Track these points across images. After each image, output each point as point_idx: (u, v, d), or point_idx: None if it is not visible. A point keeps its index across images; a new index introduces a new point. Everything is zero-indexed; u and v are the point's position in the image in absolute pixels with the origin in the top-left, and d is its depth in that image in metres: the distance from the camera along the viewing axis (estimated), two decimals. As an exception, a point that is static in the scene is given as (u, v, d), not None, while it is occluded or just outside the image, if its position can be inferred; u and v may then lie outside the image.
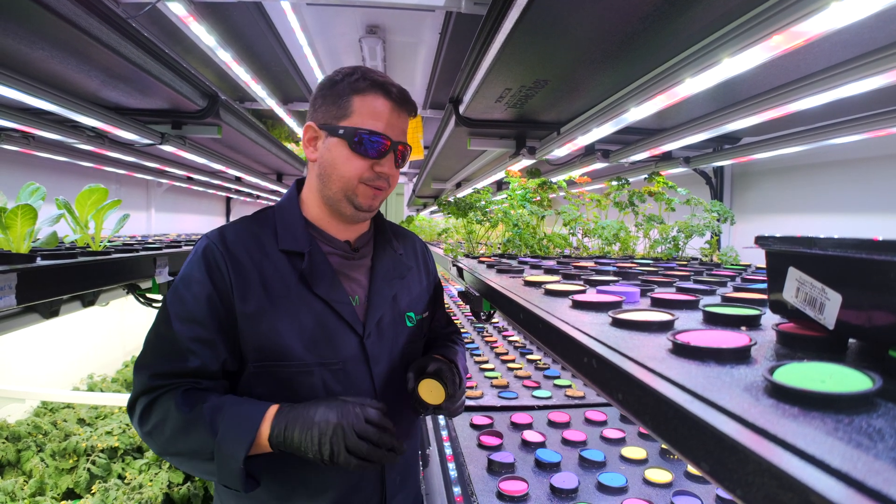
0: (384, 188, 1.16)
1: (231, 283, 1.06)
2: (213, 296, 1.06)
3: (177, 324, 1.04)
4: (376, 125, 1.12)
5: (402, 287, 1.27)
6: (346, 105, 1.12)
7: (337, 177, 1.13)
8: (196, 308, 1.05)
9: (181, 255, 2.41)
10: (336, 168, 1.13)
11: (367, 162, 1.12)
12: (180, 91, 2.23)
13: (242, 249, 1.10)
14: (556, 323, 0.86)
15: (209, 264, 1.07)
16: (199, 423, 0.97)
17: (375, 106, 1.12)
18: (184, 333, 1.03)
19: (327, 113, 1.14)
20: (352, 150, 1.11)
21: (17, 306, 1.30)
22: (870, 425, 0.43)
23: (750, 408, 0.46)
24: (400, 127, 1.16)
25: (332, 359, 1.10)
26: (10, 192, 1.65)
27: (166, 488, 2.66)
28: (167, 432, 0.99)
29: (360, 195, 1.14)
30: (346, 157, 1.12)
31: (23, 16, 1.44)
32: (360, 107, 1.11)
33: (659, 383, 0.55)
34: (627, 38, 1.36)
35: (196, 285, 1.06)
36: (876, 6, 0.84)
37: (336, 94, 1.13)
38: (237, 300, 1.06)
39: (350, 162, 1.12)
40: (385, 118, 1.13)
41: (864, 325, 0.59)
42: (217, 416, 0.98)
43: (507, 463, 1.82)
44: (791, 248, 0.68)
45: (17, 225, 1.45)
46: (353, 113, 1.12)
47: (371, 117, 1.11)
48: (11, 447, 2.88)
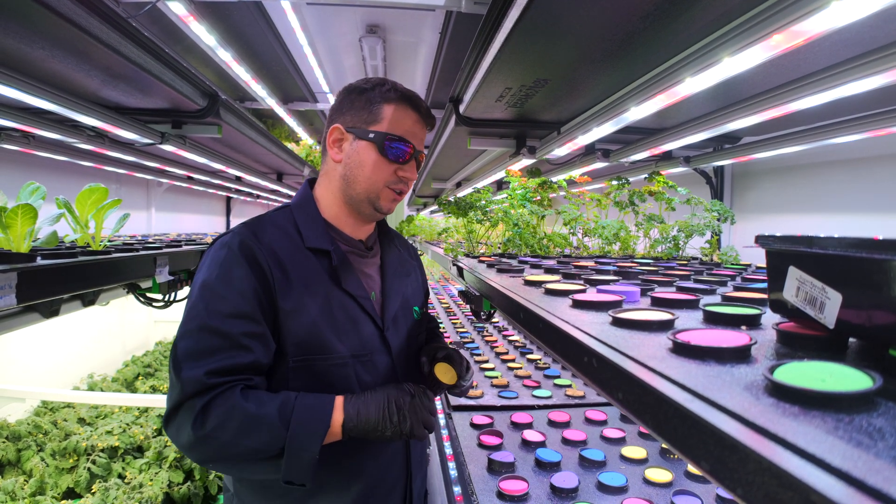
0: (404, 192, 1.24)
1: (272, 279, 1.09)
2: (258, 290, 1.07)
3: (225, 321, 1.03)
4: (407, 134, 1.20)
5: (409, 283, 1.38)
6: (377, 111, 1.18)
7: (363, 178, 1.19)
8: (244, 303, 1.05)
9: (181, 255, 2.41)
10: (363, 170, 1.18)
11: (392, 166, 1.19)
12: (181, 90, 2.23)
13: (277, 246, 1.13)
14: (557, 322, 0.86)
15: (249, 260, 1.08)
16: (268, 418, 0.98)
17: (405, 116, 1.20)
18: (235, 329, 1.03)
19: (356, 117, 1.20)
20: (380, 154, 1.18)
21: (17, 306, 1.30)
22: (870, 424, 0.43)
23: (750, 407, 0.46)
24: (421, 138, 1.25)
25: (361, 350, 1.17)
26: (10, 192, 1.65)
27: (166, 487, 2.66)
28: (230, 432, 0.97)
29: (383, 198, 1.21)
30: (374, 160, 1.18)
31: (23, 15, 1.44)
32: (391, 115, 1.19)
33: (659, 382, 0.55)
34: (628, 38, 1.36)
35: (239, 281, 1.06)
36: (875, 6, 0.84)
37: (367, 101, 1.19)
38: (279, 296, 1.09)
39: (378, 165, 1.18)
40: (411, 128, 1.21)
41: (864, 325, 0.59)
42: (287, 410, 1.00)
43: (507, 462, 1.82)
44: (791, 248, 0.68)
45: (18, 224, 1.45)
46: (384, 120, 1.18)
47: (400, 125, 1.19)
48: (12, 446, 2.88)
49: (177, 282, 2.36)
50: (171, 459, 2.83)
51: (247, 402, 0.99)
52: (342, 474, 1.15)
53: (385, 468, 1.21)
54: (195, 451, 1.01)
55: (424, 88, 6.15)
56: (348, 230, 1.26)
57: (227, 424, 0.97)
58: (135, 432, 3.11)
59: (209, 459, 1.02)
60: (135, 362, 4.87)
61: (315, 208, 1.25)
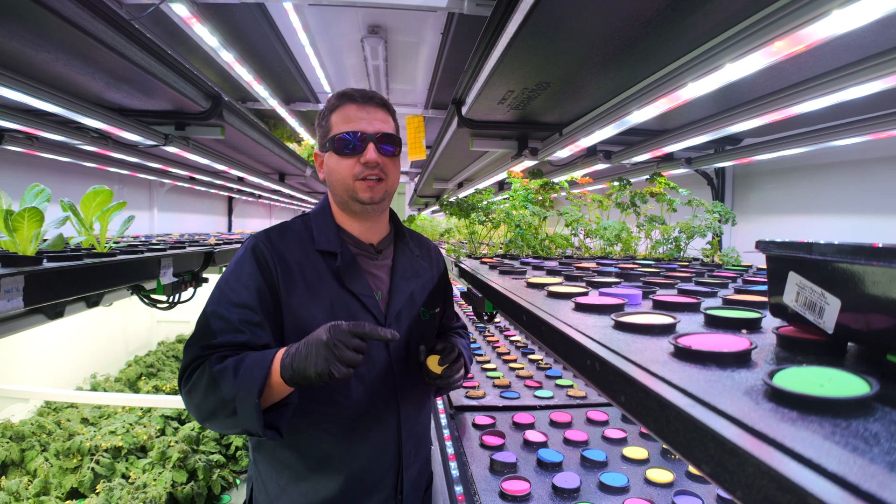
0: (379, 177, 1.30)
1: (278, 277, 1.23)
2: (262, 287, 1.21)
3: (230, 309, 1.18)
4: (348, 126, 1.28)
5: (418, 285, 1.43)
6: (327, 124, 1.33)
7: (336, 181, 1.31)
8: (248, 297, 1.20)
9: (185, 257, 2.43)
10: (333, 174, 1.31)
11: (351, 159, 1.28)
12: (184, 93, 2.25)
13: (286, 249, 1.27)
14: (559, 326, 0.87)
15: (259, 261, 1.23)
16: (225, 374, 1.09)
17: (345, 112, 1.30)
18: (235, 316, 1.18)
19: (321, 137, 1.36)
20: (338, 155, 1.29)
21: (23, 308, 1.31)
22: (866, 429, 0.44)
23: (750, 412, 0.47)
24: (371, 119, 1.30)
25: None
26: (14, 193, 1.67)
27: (170, 487, 2.67)
28: (201, 390, 1.11)
29: (359, 190, 1.29)
30: (336, 161, 1.30)
31: (28, 19, 1.45)
32: (336, 119, 1.31)
33: (661, 387, 0.56)
34: (630, 42, 1.37)
35: (247, 278, 1.21)
36: (876, 13, 0.85)
37: (322, 119, 1.35)
38: (283, 291, 1.23)
39: (340, 164, 1.29)
40: (354, 117, 1.29)
41: (862, 330, 0.60)
42: (239, 365, 1.09)
43: (509, 463, 1.83)
44: (791, 254, 0.69)
45: (24, 227, 1.46)
46: (333, 126, 1.31)
47: (344, 122, 1.29)
48: (15, 447, 2.89)
49: (180, 283, 2.38)
50: (175, 459, 2.84)
51: (213, 364, 1.11)
52: (334, 458, 1.26)
53: (377, 455, 1.30)
54: (190, 412, 1.17)
55: (426, 88, 6.16)
56: (358, 234, 1.37)
57: (198, 383, 1.12)
58: (138, 432, 3.12)
59: (199, 418, 1.15)
60: (137, 362, 4.88)
61: (330, 215, 1.38)
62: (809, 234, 2.54)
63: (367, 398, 1.26)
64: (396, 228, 1.49)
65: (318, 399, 1.24)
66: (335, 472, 1.26)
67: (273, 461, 1.29)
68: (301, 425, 1.23)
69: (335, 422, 1.25)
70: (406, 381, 1.34)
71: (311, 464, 1.26)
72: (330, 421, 1.25)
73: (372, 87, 6.10)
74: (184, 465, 2.86)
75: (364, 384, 1.26)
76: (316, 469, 1.26)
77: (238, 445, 3.23)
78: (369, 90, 1.34)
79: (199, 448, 3.08)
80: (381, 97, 1.35)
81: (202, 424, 1.26)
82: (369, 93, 1.34)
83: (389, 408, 1.30)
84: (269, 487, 1.30)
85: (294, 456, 1.26)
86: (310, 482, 1.26)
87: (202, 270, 2.68)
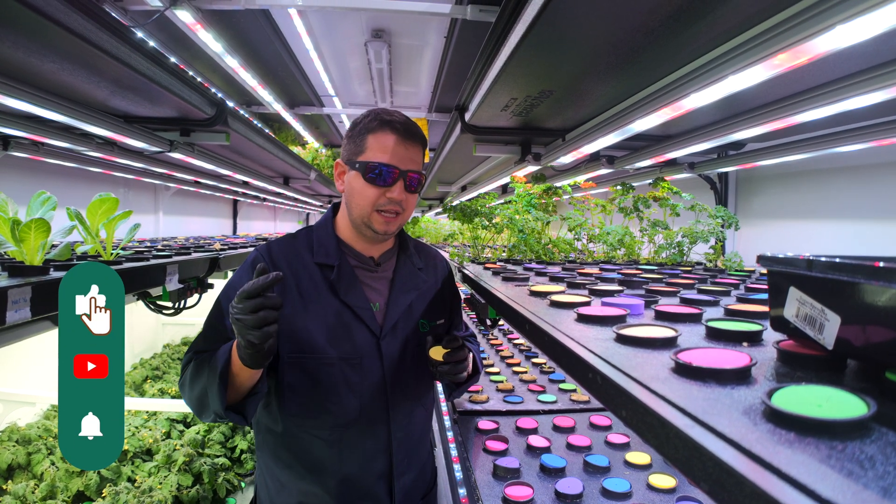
0: (398, 213, 1.31)
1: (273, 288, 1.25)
2: None
3: (225, 318, 1.25)
4: (384, 157, 1.27)
5: (419, 297, 1.43)
6: (361, 143, 1.30)
7: (355, 204, 1.31)
8: None
9: (190, 264, 2.44)
10: (354, 197, 1.30)
11: (378, 190, 1.28)
12: (189, 100, 2.26)
13: (284, 261, 1.31)
14: (562, 339, 0.88)
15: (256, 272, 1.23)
16: (204, 364, 1.19)
17: (384, 141, 1.28)
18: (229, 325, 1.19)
19: (349, 150, 1.33)
20: (365, 181, 1.27)
21: (31, 318, 1.32)
22: (862, 452, 0.44)
23: (748, 433, 0.48)
24: (408, 156, 1.30)
25: (351, 354, 1.29)
26: (20, 198, 1.68)
27: (176, 491, 2.69)
28: (187, 382, 1.22)
29: (375, 222, 1.30)
30: (361, 186, 1.28)
31: (33, 30, 1.47)
32: (373, 143, 1.28)
33: (661, 406, 0.57)
34: (633, 52, 1.38)
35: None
36: (880, 27, 0.85)
37: (356, 134, 1.31)
38: None
39: (365, 191, 1.28)
40: (392, 150, 1.28)
41: (862, 347, 0.60)
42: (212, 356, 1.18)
43: (512, 468, 1.83)
44: (791, 270, 0.69)
45: (31, 238, 1.48)
46: (367, 149, 1.28)
47: (380, 151, 1.28)
48: (22, 450, 2.91)
49: (186, 289, 2.39)
50: (180, 463, 2.85)
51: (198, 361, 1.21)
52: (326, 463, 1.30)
53: (367, 463, 1.32)
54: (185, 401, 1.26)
55: (429, 92, 6.17)
56: (359, 248, 1.39)
57: (185, 378, 1.23)
58: (144, 435, 3.13)
59: (195, 412, 1.23)
60: (143, 365, 4.90)
61: (332, 229, 1.39)
62: (813, 239, 2.53)
63: (357, 406, 1.29)
64: (401, 241, 1.50)
65: (310, 405, 1.27)
66: (328, 476, 1.30)
67: (275, 459, 1.33)
68: (296, 429, 1.28)
69: (326, 427, 1.28)
70: (398, 391, 1.35)
71: (307, 466, 1.30)
72: (321, 426, 1.28)
73: (376, 91, 6.12)
74: (189, 469, 2.87)
75: (354, 393, 1.29)
76: (311, 471, 1.30)
77: (243, 448, 3.25)
78: (410, 122, 1.33)
79: (205, 451, 3.09)
80: (421, 133, 1.35)
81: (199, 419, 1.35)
82: (413, 127, 1.32)
83: (379, 417, 1.32)
84: (270, 484, 1.36)
85: (292, 457, 1.31)
86: (306, 482, 1.31)
87: (207, 276, 2.69)
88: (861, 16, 0.81)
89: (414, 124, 1.34)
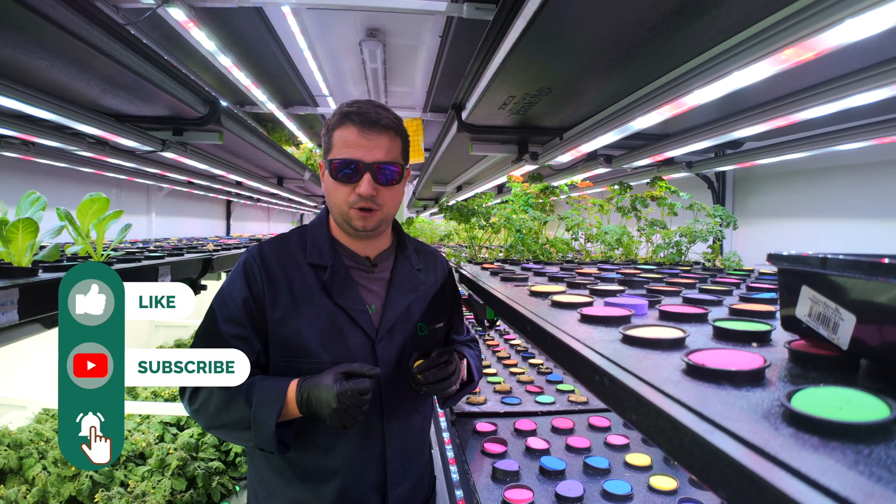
0: (372, 208, 1.24)
1: (264, 291, 1.24)
2: (248, 300, 1.23)
3: (222, 324, 1.21)
4: (346, 153, 1.22)
5: (417, 299, 1.38)
6: (329, 140, 1.27)
7: (332, 203, 1.28)
8: (237, 311, 1.22)
9: (183, 265, 2.41)
10: (329, 195, 1.28)
11: (347, 187, 1.23)
12: (181, 98, 2.23)
13: (276, 263, 1.27)
14: (566, 340, 0.86)
15: (247, 275, 1.25)
16: (237, 398, 1.15)
17: (345, 135, 1.23)
18: (227, 331, 1.21)
19: (323, 149, 1.31)
20: (334, 180, 1.24)
21: (18, 321, 1.29)
22: (888, 456, 0.42)
23: (770, 438, 0.46)
24: (373, 146, 1.23)
25: (345, 358, 1.24)
26: (10, 199, 1.64)
27: (169, 496, 2.65)
28: (212, 409, 1.17)
29: (353, 218, 1.26)
30: (332, 185, 1.25)
31: (23, 26, 1.43)
32: (337, 139, 1.24)
33: (675, 409, 0.55)
34: (634, 48, 1.36)
35: (237, 292, 1.24)
36: (892, 21, 0.83)
37: (326, 132, 1.29)
38: (268, 306, 1.23)
39: (335, 189, 1.25)
40: (354, 143, 1.22)
41: (879, 347, 0.58)
42: (251, 391, 1.15)
43: (511, 471, 1.81)
44: (803, 268, 0.67)
45: (19, 238, 1.44)
46: (333, 146, 1.25)
47: (343, 146, 1.23)
48: (13, 454, 2.87)
49: (179, 291, 2.36)
50: (174, 467, 2.81)
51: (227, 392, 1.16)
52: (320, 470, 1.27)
53: (361, 471, 1.29)
54: (196, 421, 1.23)
55: (425, 91, 6.15)
56: (354, 247, 1.34)
57: (209, 403, 1.17)
58: (136, 439, 3.09)
59: (206, 428, 1.22)
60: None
61: (326, 228, 1.35)
62: (810, 238, 2.53)
63: None
64: (399, 240, 1.45)
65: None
66: (321, 484, 1.27)
67: (268, 465, 1.30)
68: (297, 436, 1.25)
69: (320, 433, 1.25)
70: (393, 398, 1.30)
71: (300, 472, 1.27)
72: (314, 432, 1.25)
73: (370, 90, 6.09)
74: (183, 473, 2.84)
75: None
76: (304, 478, 1.27)
77: (237, 452, 3.21)
78: (375, 109, 1.24)
79: (199, 455, 3.05)
80: (389, 117, 1.26)
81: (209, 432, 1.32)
82: (373, 115, 1.23)
83: (374, 425, 1.28)
84: (259, 491, 1.33)
85: (285, 463, 1.27)
86: (298, 489, 1.27)
87: (200, 277, 2.66)
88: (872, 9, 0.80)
89: (379, 111, 1.24)
